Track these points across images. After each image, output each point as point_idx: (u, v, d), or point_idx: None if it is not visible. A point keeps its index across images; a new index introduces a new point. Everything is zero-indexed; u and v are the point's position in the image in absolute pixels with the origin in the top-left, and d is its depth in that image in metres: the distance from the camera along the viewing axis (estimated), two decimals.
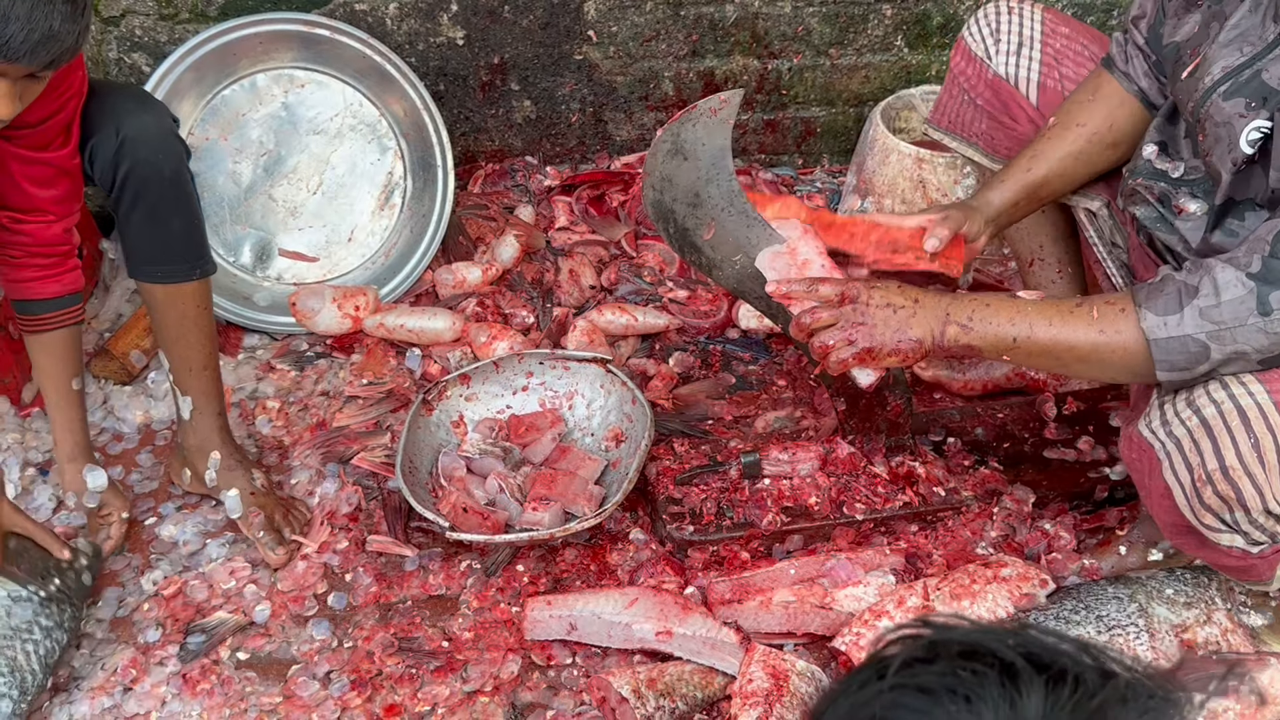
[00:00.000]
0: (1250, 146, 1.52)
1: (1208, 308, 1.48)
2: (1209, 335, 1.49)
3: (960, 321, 1.62)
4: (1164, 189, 1.70)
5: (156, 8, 2.57)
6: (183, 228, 1.94)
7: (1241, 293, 1.47)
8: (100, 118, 1.85)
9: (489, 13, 2.70)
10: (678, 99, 2.87)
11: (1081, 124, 1.87)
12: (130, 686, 1.81)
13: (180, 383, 2.04)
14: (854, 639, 1.77)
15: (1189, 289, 1.50)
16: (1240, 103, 1.53)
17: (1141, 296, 1.54)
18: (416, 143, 2.64)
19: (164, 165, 1.87)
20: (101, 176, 1.87)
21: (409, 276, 2.60)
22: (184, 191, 1.92)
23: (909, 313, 1.64)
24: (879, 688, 0.73)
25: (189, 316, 1.99)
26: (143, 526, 2.08)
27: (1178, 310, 1.50)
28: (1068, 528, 2.01)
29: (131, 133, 1.84)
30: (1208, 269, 1.50)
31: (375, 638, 1.88)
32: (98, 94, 1.86)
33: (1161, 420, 1.58)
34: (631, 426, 2.14)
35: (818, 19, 2.81)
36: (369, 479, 2.16)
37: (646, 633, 1.81)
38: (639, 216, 2.75)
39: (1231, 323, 1.47)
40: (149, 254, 1.94)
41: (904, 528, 2.01)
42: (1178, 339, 1.50)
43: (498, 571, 1.99)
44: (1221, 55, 1.58)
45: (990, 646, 0.73)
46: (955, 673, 0.72)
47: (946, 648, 0.74)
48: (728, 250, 1.87)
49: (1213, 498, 1.52)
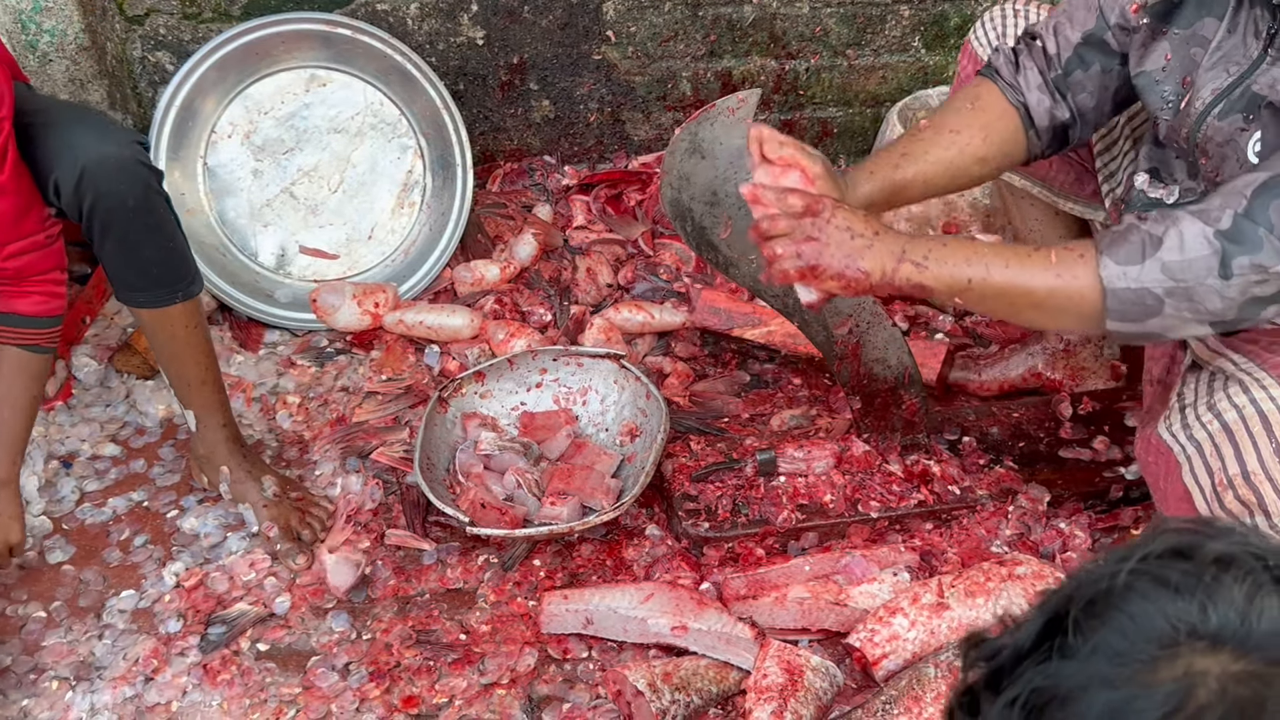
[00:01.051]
0: (1258, 158, 1.52)
1: (1170, 262, 1.43)
2: (1165, 291, 1.44)
3: (915, 260, 1.53)
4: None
5: (180, 7, 2.60)
6: (157, 254, 1.88)
7: (1205, 251, 1.42)
8: (59, 149, 1.78)
9: (509, 13, 2.72)
10: (695, 99, 2.89)
11: (955, 130, 1.74)
12: (151, 676, 1.83)
13: (181, 398, 2.04)
14: (868, 635, 1.78)
15: (1153, 240, 1.44)
16: (1237, 119, 1.53)
17: (1104, 244, 1.48)
18: (436, 141, 2.66)
19: (128, 195, 1.79)
20: (68, 209, 1.80)
21: (428, 274, 2.63)
22: (154, 218, 1.84)
23: (865, 242, 1.53)
24: (1123, 566, 0.72)
25: (179, 337, 1.96)
26: (165, 519, 2.11)
27: (1139, 261, 1.44)
28: (1083, 527, 2.02)
29: (91, 165, 1.76)
30: (1174, 220, 1.44)
31: (394, 630, 1.89)
32: (56, 125, 1.80)
33: (1182, 423, 1.58)
34: (646, 421, 2.16)
35: (835, 19, 2.82)
36: (388, 474, 2.18)
37: (662, 627, 1.83)
38: (656, 215, 2.77)
39: (1190, 280, 1.43)
40: (128, 281, 1.89)
41: (919, 526, 2.02)
42: (1134, 290, 1.45)
43: (515, 566, 2.01)
44: (1208, 79, 1.56)
45: (1246, 564, 0.71)
46: (1200, 576, 0.71)
47: (1204, 551, 0.73)
48: (745, 248, 1.88)
49: (1234, 502, 1.51)
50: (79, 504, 2.12)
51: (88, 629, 1.91)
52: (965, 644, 0.79)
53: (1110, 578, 0.72)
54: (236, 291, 2.50)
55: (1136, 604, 0.71)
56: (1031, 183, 2.08)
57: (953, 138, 1.73)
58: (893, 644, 1.77)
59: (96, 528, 2.09)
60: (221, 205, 2.57)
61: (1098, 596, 0.72)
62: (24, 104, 1.80)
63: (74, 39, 2.47)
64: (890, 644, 1.77)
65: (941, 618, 1.78)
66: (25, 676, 1.83)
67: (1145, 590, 0.71)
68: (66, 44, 2.47)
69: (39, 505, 2.11)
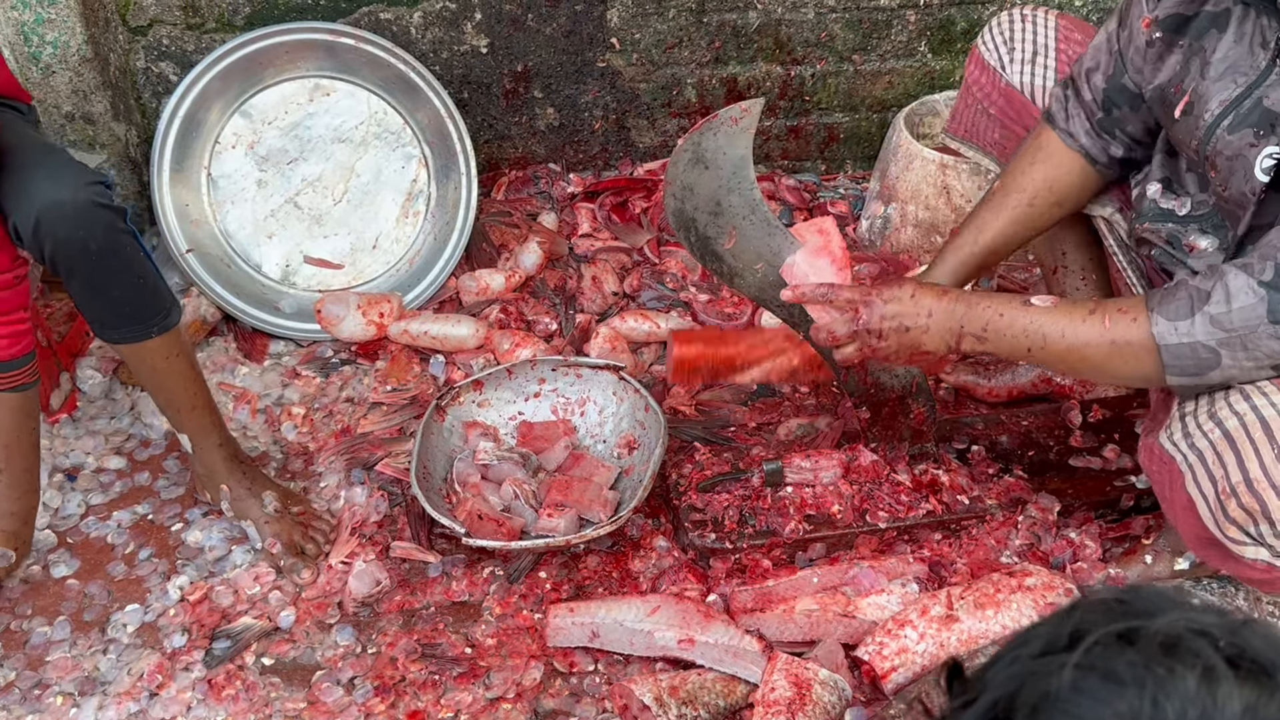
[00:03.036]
0: (1266, 174, 1.51)
1: (1219, 315, 1.48)
2: (1219, 342, 1.49)
3: (975, 333, 1.65)
4: (1172, 230, 1.69)
5: (184, 17, 2.59)
6: (126, 294, 1.84)
7: (1253, 300, 1.46)
8: (15, 195, 1.75)
9: (512, 21, 2.71)
10: (700, 106, 2.88)
11: (1021, 190, 1.86)
12: (156, 692, 1.82)
13: (173, 423, 2.03)
14: (877, 648, 1.76)
15: (1201, 294, 1.50)
16: (1248, 133, 1.52)
17: (1154, 301, 1.54)
18: (440, 150, 2.65)
19: (88, 240, 1.76)
20: (31, 252, 1.78)
21: (433, 283, 2.62)
22: (119, 260, 1.80)
23: (922, 329, 1.67)
24: (1064, 660, 0.68)
25: (160, 369, 1.94)
26: (169, 532, 2.10)
27: (1189, 316, 1.50)
28: (1093, 536, 2.00)
29: (45, 212, 1.72)
30: (1220, 275, 1.49)
31: (399, 644, 1.88)
32: (15, 168, 1.78)
33: (1183, 432, 1.57)
34: (644, 434, 2.15)
35: (841, 25, 2.81)
36: (393, 485, 2.17)
37: (669, 640, 1.81)
38: (661, 223, 2.76)
39: (1242, 329, 1.47)
40: (100, 319, 1.87)
41: (927, 536, 2.00)
42: (1188, 344, 1.51)
43: (520, 578, 1.99)
44: (1216, 90, 1.56)
45: (1194, 646, 0.67)
46: (1149, 666, 0.66)
47: (1147, 636, 0.68)
48: (749, 259, 1.87)
49: (1237, 510, 1.50)
50: (83, 517, 2.12)
51: (92, 644, 1.90)
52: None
53: (1056, 674, 0.68)
54: (241, 302, 2.49)
55: (1086, 707, 0.66)
56: None
57: (1019, 198, 1.86)
58: (902, 657, 1.75)
59: (101, 541, 2.08)
60: (226, 216, 2.56)
61: (1041, 702, 0.68)
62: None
63: (77, 50, 2.47)
64: (899, 657, 1.75)
65: (951, 630, 1.76)
66: (30, 692, 1.83)
67: (1093, 690, 0.67)
68: (69, 55, 2.47)
69: (44, 519, 2.10)
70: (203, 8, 2.59)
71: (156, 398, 2.01)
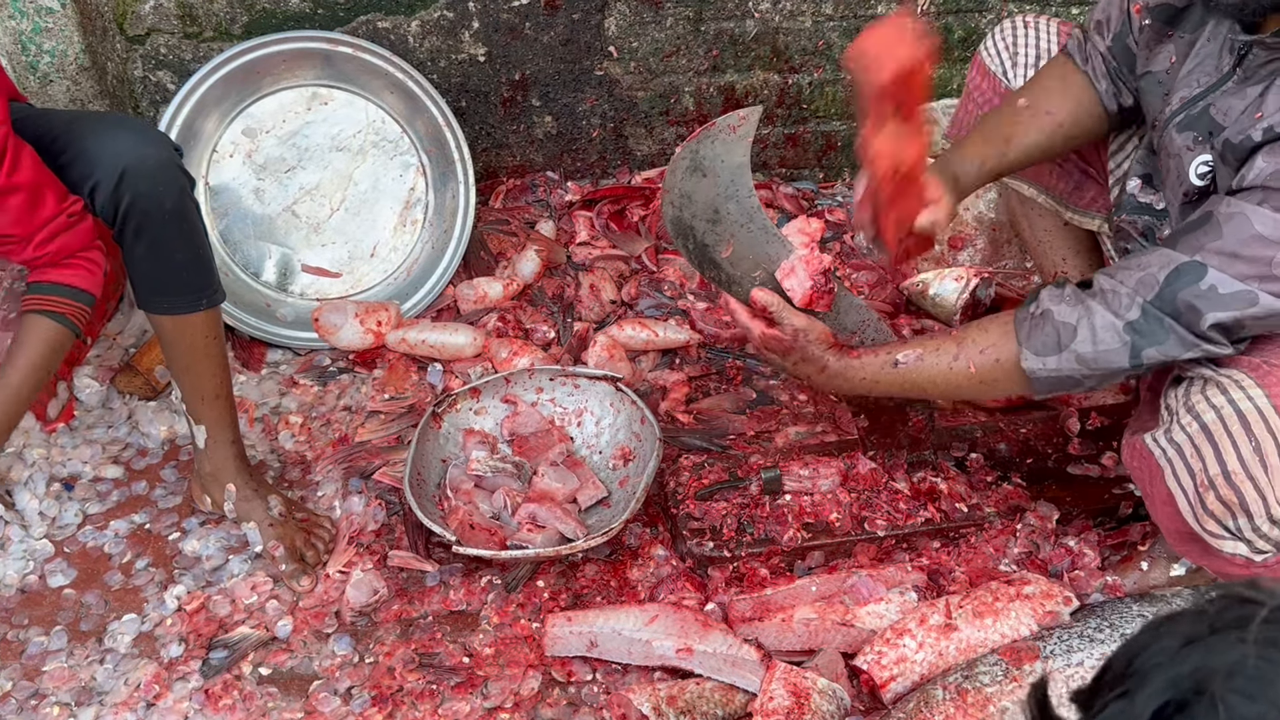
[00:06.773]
0: (1200, 179, 1.52)
1: (1084, 354, 1.60)
2: (1082, 375, 1.63)
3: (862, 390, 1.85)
4: (1147, 223, 1.71)
5: (181, 26, 2.59)
6: (187, 259, 1.91)
7: (1116, 345, 1.57)
8: (99, 152, 1.81)
9: (510, 29, 2.72)
10: (698, 114, 2.88)
11: (1050, 112, 1.87)
12: (153, 702, 1.82)
13: (193, 411, 2.04)
14: (875, 657, 1.76)
15: (1067, 330, 1.61)
16: (1190, 136, 1.54)
17: (1023, 334, 1.66)
18: (438, 159, 2.65)
19: (165, 197, 1.83)
20: (103, 211, 1.83)
21: (431, 292, 2.62)
22: (187, 223, 1.88)
23: (818, 380, 1.86)
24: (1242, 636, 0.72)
25: (198, 347, 1.97)
26: (166, 542, 2.10)
27: (1055, 352, 1.62)
28: (1091, 544, 2.00)
29: (132, 166, 1.80)
30: (1087, 311, 1.59)
31: (396, 653, 1.88)
32: (96, 131, 1.84)
33: (1164, 428, 1.58)
34: (640, 445, 2.14)
35: (838, 33, 2.81)
36: (390, 494, 2.16)
37: (667, 649, 1.81)
38: (660, 231, 2.76)
39: (1104, 366, 1.60)
40: (154, 286, 1.92)
41: (926, 544, 2.00)
42: (1055, 376, 1.65)
43: (518, 587, 1.99)
44: (1181, 86, 1.59)
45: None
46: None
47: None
48: (747, 266, 1.87)
49: (1215, 503, 1.51)
50: (80, 526, 2.11)
51: (89, 653, 1.90)
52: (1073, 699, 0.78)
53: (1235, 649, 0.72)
54: (239, 311, 2.49)
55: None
56: (1038, 190, 2.08)
57: (1048, 119, 1.87)
58: (900, 666, 1.75)
59: (98, 551, 2.08)
60: (224, 224, 2.56)
61: (1234, 670, 0.71)
62: (53, 116, 1.86)
63: (74, 59, 2.47)
64: (898, 666, 1.75)
65: (949, 639, 1.76)
66: (26, 702, 1.82)
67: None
68: (67, 64, 2.47)
69: (40, 529, 2.10)
70: (200, 17, 2.59)
71: (183, 381, 2.02)
